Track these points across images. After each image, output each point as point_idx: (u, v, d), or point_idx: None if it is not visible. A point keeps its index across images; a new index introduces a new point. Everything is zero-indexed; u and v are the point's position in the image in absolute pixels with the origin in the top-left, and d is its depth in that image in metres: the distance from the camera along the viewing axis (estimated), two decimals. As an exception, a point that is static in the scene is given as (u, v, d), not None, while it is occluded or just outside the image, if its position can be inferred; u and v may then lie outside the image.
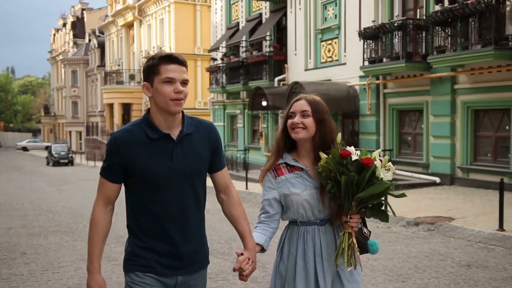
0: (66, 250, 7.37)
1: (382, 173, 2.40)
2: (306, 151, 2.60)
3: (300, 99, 2.61)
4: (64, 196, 15.25)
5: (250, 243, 2.49)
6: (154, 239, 2.32)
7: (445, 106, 13.32)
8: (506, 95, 11.91)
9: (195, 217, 2.39)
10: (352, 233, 2.43)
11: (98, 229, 2.32)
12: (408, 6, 15.04)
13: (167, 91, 2.25)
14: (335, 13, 17.56)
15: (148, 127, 2.32)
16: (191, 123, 2.40)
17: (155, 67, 2.28)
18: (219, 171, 2.52)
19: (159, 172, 2.29)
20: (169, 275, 2.33)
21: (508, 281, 5.47)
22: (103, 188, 2.35)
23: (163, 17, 34.94)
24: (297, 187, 2.54)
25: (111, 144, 2.32)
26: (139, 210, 2.33)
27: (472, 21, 11.58)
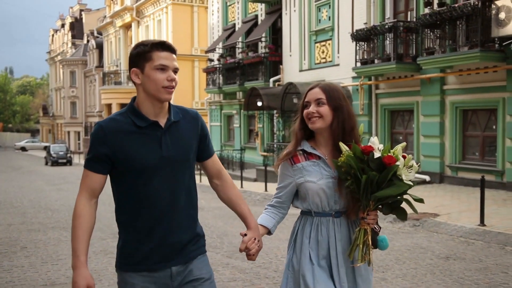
0: (64, 245, 7.69)
1: (404, 173, 2.33)
2: (324, 139, 2.52)
3: (314, 87, 2.52)
4: (62, 195, 15.55)
5: (252, 222, 2.45)
6: (143, 231, 2.25)
7: (435, 106, 13.66)
8: (492, 96, 12.24)
9: (185, 206, 2.33)
10: (367, 230, 2.39)
11: (82, 223, 2.20)
12: (399, 9, 15.37)
13: (160, 78, 2.21)
14: (329, 15, 17.90)
15: (135, 116, 2.25)
16: (177, 111, 2.36)
17: (147, 53, 2.22)
18: (209, 159, 2.48)
19: (149, 160, 2.21)
20: (161, 268, 2.27)
21: (481, 271, 5.80)
22: (86, 180, 2.25)
23: (160, 18, 35.24)
24: (313, 176, 2.47)
25: (97, 133, 2.23)
26: (127, 201, 2.25)
27: (459, 24, 11.92)
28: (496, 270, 5.85)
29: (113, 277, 5.74)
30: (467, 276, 5.61)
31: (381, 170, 2.29)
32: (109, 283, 5.56)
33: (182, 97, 31.26)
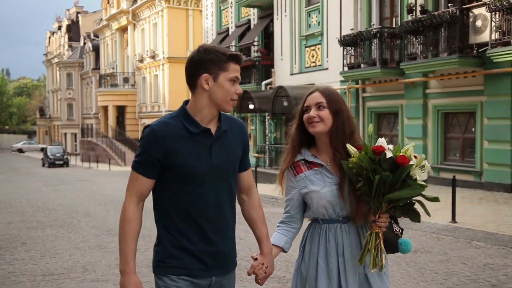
0: (61, 240, 8.20)
1: (418, 173, 2.26)
2: (324, 145, 2.47)
3: (314, 92, 2.49)
4: (59, 195, 16.05)
5: (266, 248, 2.42)
6: (188, 237, 2.22)
7: (418, 109, 14.21)
8: (471, 99, 12.80)
9: (229, 216, 2.32)
10: (379, 234, 2.31)
11: (132, 228, 2.18)
12: (385, 15, 15.94)
13: (231, 90, 2.21)
14: (319, 20, 18.45)
15: (187, 121, 2.21)
16: (226, 119, 2.34)
17: (224, 63, 2.20)
18: (245, 171, 2.45)
19: (199, 168, 2.20)
20: (204, 276, 2.25)
21: (443, 263, 6.34)
22: (136, 184, 2.21)
23: (156, 22, 35.76)
24: (316, 184, 2.43)
25: (149, 136, 2.18)
26: (173, 206, 2.23)
27: (440, 31, 12.48)
28: (457, 262, 6.39)
29: (107, 270, 6.26)
30: (429, 267, 6.15)
31: (393, 170, 2.23)
32: (103, 273, 6.07)
33: (178, 99, 31.78)
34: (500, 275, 5.74)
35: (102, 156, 36.70)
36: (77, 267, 6.39)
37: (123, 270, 2.16)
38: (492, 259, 6.53)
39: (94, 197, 15.26)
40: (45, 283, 5.68)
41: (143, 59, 37.72)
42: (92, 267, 6.36)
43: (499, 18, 11.04)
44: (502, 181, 12.00)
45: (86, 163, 37.10)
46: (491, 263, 6.29)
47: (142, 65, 37.82)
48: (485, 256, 6.68)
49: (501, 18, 10.99)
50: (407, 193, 2.23)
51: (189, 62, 2.26)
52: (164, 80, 34.77)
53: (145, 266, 6.14)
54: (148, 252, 6.71)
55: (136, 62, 38.81)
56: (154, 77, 36.47)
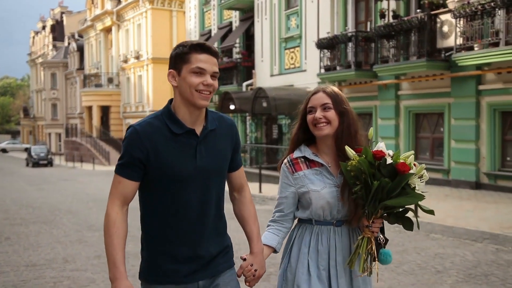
0: (44, 235, 8.61)
1: (416, 183, 2.22)
2: (327, 146, 2.40)
3: (318, 92, 2.39)
4: (43, 194, 16.37)
5: (256, 247, 2.33)
6: (171, 242, 2.15)
7: (391, 110, 14.79)
8: (440, 101, 13.41)
9: (215, 218, 2.24)
10: (371, 239, 2.27)
11: (118, 232, 2.08)
12: (360, 19, 16.51)
13: (195, 82, 2.08)
14: (297, 23, 18.98)
15: (171, 121, 2.13)
16: (214, 118, 2.25)
17: (185, 55, 2.09)
18: (236, 170, 2.38)
19: (182, 170, 2.11)
20: (188, 281, 2.18)
21: (399, 253, 6.85)
22: (119, 187, 2.12)
23: (140, 23, 36.05)
24: (317, 184, 2.35)
25: (131, 136, 2.11)
26: (156, 210, 2.15)
27: (410, 35, 13.06)
28: (412, 252, 6.93)
29: (86, 261, 6.70)
30: (385, 256, 6.66)
31: (392, 177, 2.19)
32: (82, 264, 6.50)
33: (162, 100, 32.13)
34: (447, 263, 6.28)
35: (86, 155, 36.90)
36: (58, 258, 6.82)
37: (113, 276, 2.04)
38: (444, 249, 7.08)
39: (77, 195, 15.61)
40: (28, 272, 6.10)
41: (127, 59, 37.98)
42: (72, 258, 6.79)
43: (464, 24, 11.64)
44: (467, 178, 12.61)
45: (70, 162, 37.27)
46: (442, 253, 6.84)
47: (126, 65, 38.08)
48: (439, 247, 7.23)
49: (465, 24, 11.59)
50: (405, 201, 2.21)
51: None
52: (148, 80, 35.09)
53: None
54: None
55: (120, 62, 39.06)
56: (138, 77, 36.76)
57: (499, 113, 12.16)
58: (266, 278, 5.45)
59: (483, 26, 11.24)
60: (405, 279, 5.62)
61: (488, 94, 12.23)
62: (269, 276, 5.60)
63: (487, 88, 12.20)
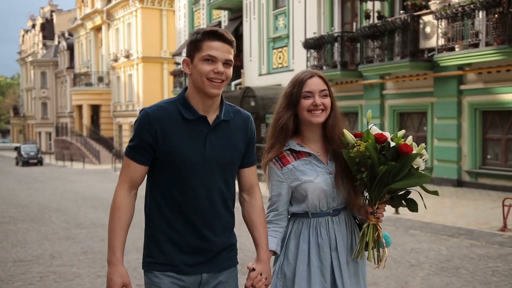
0: (32, 233, 8.77)
1: (420, 162, 2.18)
2: (314, 135, 2.33)
3: (313, 76, 2.30)
4: (32, 193, 16.47)
5: (265, 255, 2.25)
6: (177, 230, 2.11)
7: (375, 109, 15.04)
8: (423, 100, 13.69)
9: (223, 211, 2.18)
10: (377, 225, 2.23)
11: (121, 216, 2.08)
12: (346, 20, 16.76)
13: (206, 70, 2.05)
14: (285, 23, 19.20)
15: (184, 107, 2.11)
16: (229, 110, 2.20)
17: (197, 43, 2.07)
18: (248, 168, 2.29)
19: (190, 157, 2.08)
20: (192, 273, 2.13)
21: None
22: (128, 170, 2.12)
23: (130, 21, 36.12)
24: (309, 174, 2.27)
25: (142, 120, 2.09)
26: (162, 197, 2.13)
27: (394, 36, 13.31)
28: (390, 247, 7.15)
29: (73, 256, 6.87)
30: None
31: (395, 159, 2.14)
32: (68, 259, 6.69)
33: (152, 98, 32.25)
34: (422, 257, 6.52)
35: (76, 154, 36.93)
36: (45, 255, 6.99)
37: (110, 260, 2.07)
38: (421, 244, 7.33)
39: (67, 194, 15.73)
40: (15, 268, 6.28)
41: (117, 58, 38.03)
42: (59, 254, 6.97)
43: (445, 25, 11.90)
44: (450, 176, 12.90)
45: (60, 161, 37.25)
46: (418, 248, 7.09)
47: (117, 64, 38.13)
48: (416, 242, 7.47)
49: (447, 25, 11.86)
50: (412, 182, 2.15)
51: None
52: (138, 79, 35.17)
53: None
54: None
55: (110, 61, 39.10)
56: (128, 76, 36.82)
57: (479, 112, 12.45)
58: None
59: (464, 28, 11.51)
60: (379, 273, 5.84)
61: (469, 94, 12.51)
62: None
63: (468, 88, 12.48)
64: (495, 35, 10.76)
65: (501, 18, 10.62)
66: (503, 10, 10.51)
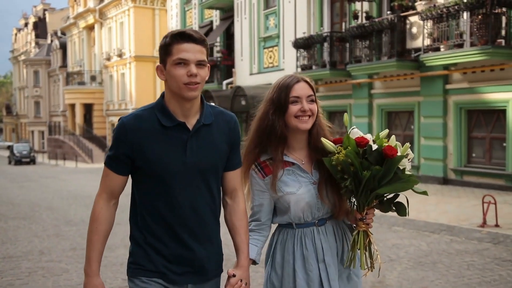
0: (22, 230, 8.90)
1: (406, 164, 2.11)
2: (298, 143, 2.25)
3: (300, 81, 2.23)
4: (24, 191, 16.56)
5: (246, 260, 2.19)
6: (162, 241, 2.07)
7: (364, 108, 15.25)
8: (410, 99, 13.90)
9: (208, 219, 2.12)
10: (367, 231, 2.17)
11: (99, 227, 2.06)
12: (335, 20, 16.95)
13: (179, 74, 1.97)
14: (276, 23, 19.37)
15: (162, 113, 2.04)
16: (211, 112, 2.12)
17: (167, 47, 1.99)
18: (232, 171, 2.21)
19: (170, 165, 2.02)
20: (179, 282, 2.09)
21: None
22: (107, 180, 2.09)
23: (123, 21, 36.19)
24: (291, 186, 2.20)
25: (119, 130, 2.05)
26: (145, 207, 2.08)
27: (381, 36, 13.51)
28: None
29: (61, 253, 7.02)
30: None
31: (380, 163, 2.06)
32: (57, 255, 6.84)
33: (144, 97, 32.38)
34: (402, 252, 6.71)
35: (69, 153, 36.97)
36: (35, 251, 7.14)
37: (86, 271, 2.07)
38: (402, 240, 7.53)
39: (58, 192, 15.84)
40: (5, 263, 6.42)
41: (110, 57, 38.09)
42: (48, 251, 7.11)
43: (431, 26, 12.10)
44: (436, 174, 13.12)
45: (53, 160, 37.28)
46: (399, 243, 7.28)
47: (109, 63, 38.19)
48: (397, 238, 7.67)
49: (432, 26, 12.06)
50: (400, 187, 2.07)
51: None
52: (131, 78, 35.26)
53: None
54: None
55: (103, 60, 39.15)
56: (121, 75, 36.90)
57: (465, 111, 12.67)
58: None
59: (449, 28, 11.72)
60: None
61: (454, 93, 12.73)
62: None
63: (454, 88, 12.70)
64: (479, 35, 10.98)
65: (484, 19, 10.83)
66: (486, 11, 10.72)
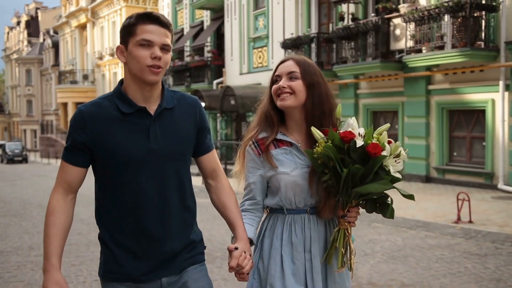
0: (13, 227, 9.15)
1: (391, 164, 1.98)
2: (295, 123, 2.17)
3: (287, 60, 2.18)
4: (16, 190, 16.78)
5: (244, 232, 2.08)
6: (128, 236, 1.96)
7: (350, 108, 15.55)
8: (394, 100, 14.22)
9: (178, 208, 2.03)
10: (348, 230, 2.09)
11: (56, 220, 1.91)
12: (323, 21, 17.26)
13: (143, 56, 1.88)
14: (265, 24, 19.66)
15: (121, 100, 1.95)
16: (172, 96, 2.03)
17: (131, 27, 1.90)
18: (205, 154, 2.14)
19: (134, 153, 1.92)
20: (148, 279, 2.00)
21: (337, 239, 7.57)
22: (63, 173, 1.96)
23: (115, 20, 36.34)
24: (286, 165, 2.12)
25: (76, 119, 1.94)
26: (109, 200, 1.97)
27: (366, 37, 13.82)
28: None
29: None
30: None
31: (365, 160, 1.96)
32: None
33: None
34: (377, 247, 7.02)
35: (61, 152, 37.01)
36: (24, 246, 7.40)
37: (44, 268, 1.88)
38: (379, 236, 7.83)
39: (50, 190, 15.49)
40: (-5, 258, 6.68)
41: (102, 56, 38.24)
42: (37, 246, 7.37)
43: (413, 28, 12.43)
44: (419, 172, 13.45)
45: (45, 159, 37.42)
46: (376, 239, 7.58)
47: (102, 62, 38.33)
48: (375, 234, 7.98)
49: (415, 28, 12.38)
50: (374, 187, 1.96)
51: None
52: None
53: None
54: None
55: (95, 59, 39.29)
56: (113, 74, 37.05)
57: (446, 111, 13.01)
58: (211, 261, 6.10)
59: (430, 30, 12.04)
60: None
61: (437, 94, 13.06)
62: (214, 259, 6.25)
63: (436, 88, 13.03)
64: (459, 38, 11.30)
65: (463, 22, 11.16)
66: (466, 14, 11.04)
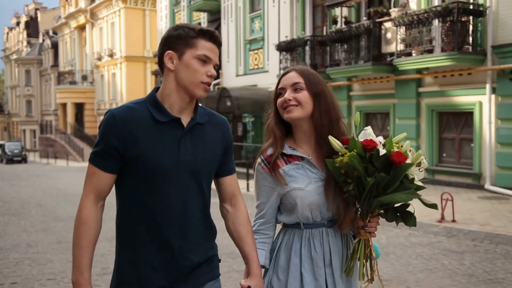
0: (12, 226, 9.44)
1: (415, 173, 1.96)
2: (305, 134, 2.11)
3: (290, 71, 2.15)
4: (15, 189, 17.06)
5: (258, 269, 2.05)
6: (148, 246, 1.92)
7: (343, 109, 15.73)
8: (386, 102, 14.52)
9: (199, 222, 2.00)
10: (370, 240, 2.03)
11: (88, 231, 1.87)
12: (317, 24, 17.55)
13: (200, 71, 1.90)
14: (261, 26, 19.95)
15: (155, 108, 1.91)
16: (204, 113, 2.03)
17: (191, 39, 1.90)
18: (227, 176, 2.11)
19: (163, 162, 1.89)
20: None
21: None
22: (93, 179, 1.90)
23: (114, 21, 36.65)
24: (300, 181, 2.05)
25: (108, 122, 1.88)
26: (132, 208, 1.93)
27: (359, 40, 14.11)
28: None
29: (48, 245, 7.55)
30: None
31: (387, 169, 1.93)
32: (43, 248, 7.37)
33: (135, 97, 32.75)
34: (361, 245, 7.30)
35: (60, 152, 37.40)
36: (22, 244, 7.69)
37: (76, 280, 1.84)
38: (365, 234, 8.10)
39: (48, 190, 16.33)
40: (-6, 255, 6.97)
41: (101, 57, 38.55)
42: (35, 244, 7.66)
43: (403, 32, 12.72)
44: (409, 173, 13.72)
45: (44, 159, 37.71)
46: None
47: (100, 63, 38.64)
48: (361, 232, 8.25)
49: (405, 32, 12.67)
50: (400, 197, 1.92)
51: (160, 42, 2.00)
52: (121, 78, 35.75)
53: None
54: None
55: (94, 60, 39.60)
56: (112, 75, 37.36)
57: (436, 114, 13.30)
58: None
59: (420, 34, 12.33)
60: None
61: (427, 96, 13.35)
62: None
63: (426, 91, 13.33)
64: (447, 42, 11.60)
65: (451, 26, 11.45)
66: (453, 19, 11.34)
